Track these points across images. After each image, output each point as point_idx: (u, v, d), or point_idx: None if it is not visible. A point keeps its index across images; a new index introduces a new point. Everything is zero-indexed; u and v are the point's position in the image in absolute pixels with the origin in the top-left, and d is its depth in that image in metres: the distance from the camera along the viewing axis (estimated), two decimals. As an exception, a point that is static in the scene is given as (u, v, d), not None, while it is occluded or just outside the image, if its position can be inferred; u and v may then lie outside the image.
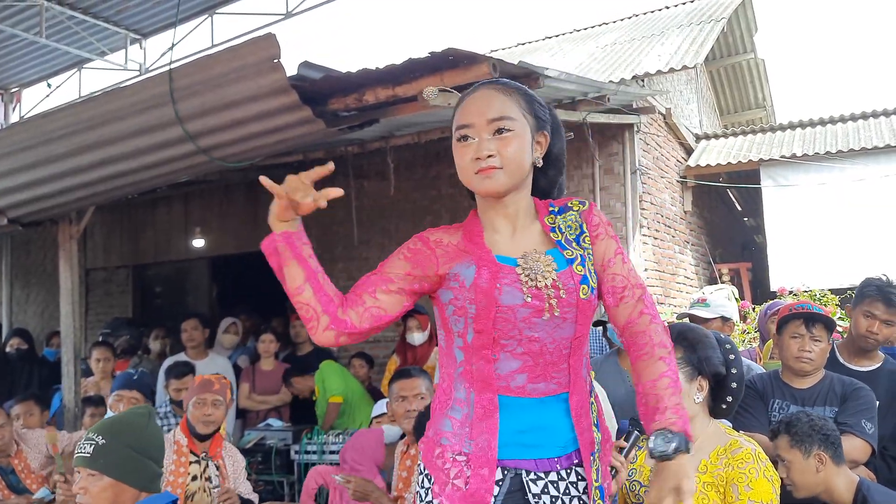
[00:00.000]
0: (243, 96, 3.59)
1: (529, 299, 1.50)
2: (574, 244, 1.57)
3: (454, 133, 1.58)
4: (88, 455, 2.10)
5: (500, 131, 1.53)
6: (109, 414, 3.89)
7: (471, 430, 1.51)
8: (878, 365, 3.03)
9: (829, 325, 2.78)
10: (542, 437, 1.52)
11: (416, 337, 5.29)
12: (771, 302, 4.61)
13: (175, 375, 4.69)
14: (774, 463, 2.07)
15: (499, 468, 1.51)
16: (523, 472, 1.51)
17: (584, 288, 1.53)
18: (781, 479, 2.35)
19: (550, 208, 1.63)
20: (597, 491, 1.54)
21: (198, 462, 3.12)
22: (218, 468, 3.19)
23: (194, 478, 3.07)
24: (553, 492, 1.51)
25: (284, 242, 1.61)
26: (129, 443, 2.12)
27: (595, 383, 3.09)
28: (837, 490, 2.36)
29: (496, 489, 1.49)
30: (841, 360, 3.06)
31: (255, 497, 3.31)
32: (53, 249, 5.68)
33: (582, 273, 1.54)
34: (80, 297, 7.60)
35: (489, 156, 1.52)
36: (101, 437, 2.12)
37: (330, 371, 5.35)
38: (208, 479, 3.13)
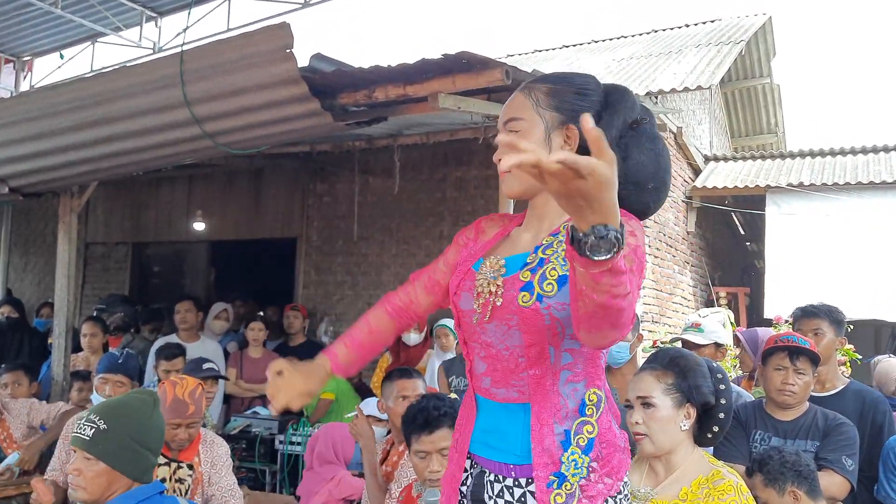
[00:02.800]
0: (253, 83, 3.57)
1: (475, 305, 1.52)
2: (558, 251, 1.46)
3: None
4: (88, 438, 2.07)
5: (510, 133, 1.51)
6: (95, 396, 3.84)
7: (461, 420, 1.63)
8: (843, 386, 3.06)
9: (813, 359, 2.76)
10: (500, 441, 1.52)
11: (412, 337, 5.28)
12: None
13: (165, 357, 4.66)
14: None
15: (469, 459, 1.59)
16: (487, 470, 1.56)
17: (523, 295, 1.44)
18: None
19: None
20: None
21: (168, 464, 2.95)
22: (192, 467, 3.02)
23: (163, 480, 2.88)
24: (507, 497, 1.51)
25: (337, 370, 1.69)
26: (131, 432, 2.09)
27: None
28: None
29: (466, 476, 1.59)
30: None
31: (238, 493, 3.18)
32: (54, 220, 5.67)
33: (527, 280, 1.46)
34: (78, 270, 7.61)
35: (500, 160, 1.51)
36: (103, 422, 2.08)
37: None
38: (179, 480, 2.97)
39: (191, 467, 3.04)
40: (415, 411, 2.52)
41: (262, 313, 7.40)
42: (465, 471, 1.59)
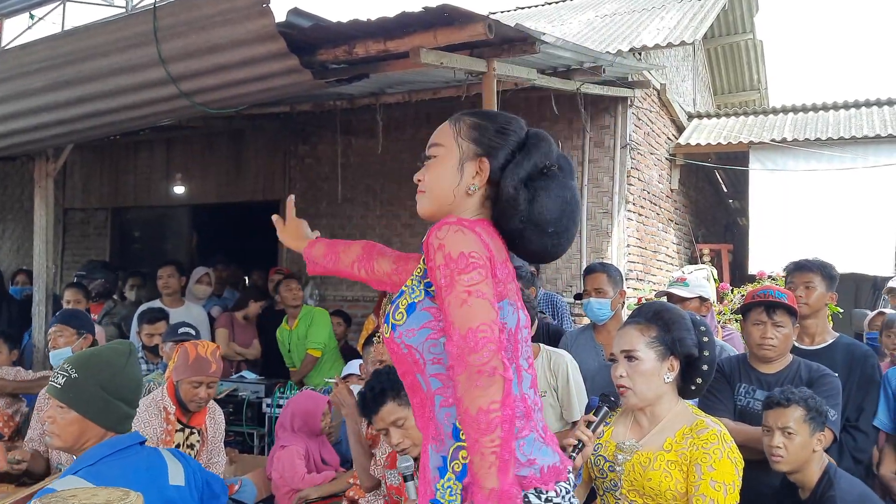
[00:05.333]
0: (229, 40, 3.48)
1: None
2: (415, 280, 1.54)
3: None
4: (59, 386, 2.07)
5: (428, 159, 1.64)
6: (54, 352, 3.82)
7: None
8: (833, 340, 3.11)
9: (791, 311, 2.79)
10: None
11: None
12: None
13: (148, 321, 4.64)
14: (739, 444, 2.08)
15: None
16: None
17: (385, 328, 1.52)
18: (772, 447, 2.40)
19: None
20: None
21: (182, 430, 3.05)
22: (200, 433, 3.12)
23: (177, 446, 3.00)
24: None
25: (314, 256, 1.89)
26: (102, 382, 2.08)
27: (567, 355, 3.13)
28: (811, 471, 2.43)
29: None
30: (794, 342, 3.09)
31: (222, 462, 3.24)
32: (31, 186, 5.57)
33: (387, 312, 1.53)
34: (57, 236, 7.51)
35: (418, 180, 1.64)
36: (74, 371, 2.08)
37: (322, 321, 5.29)
38: (190, 446, 3.07)
39: (200, 433, 3.09)
40: (359, 399, 2.63)
41: (246, 278, 7.36)
42: None
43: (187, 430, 3.08)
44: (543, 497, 1.44)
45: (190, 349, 3.08)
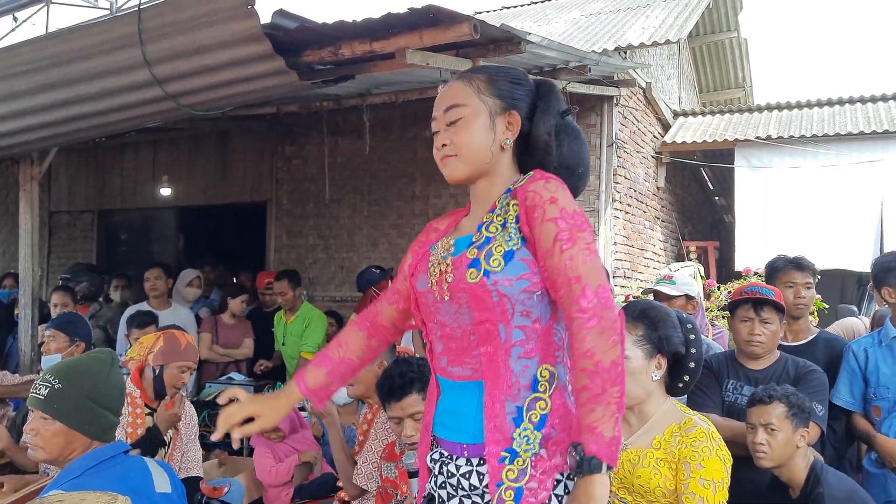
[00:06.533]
0: (215, 42, 3.46)
1: (430, 285, 1.56)
2: (499, 228, 1.51)
3: None
4: (43, 398, 2.05)
5: (453, 121, 1.57)
6: (44, 358, 3.80)
7: (428, 400, 1.67)
8: (813, 336, 3.17)
9: (778, 308, 2.81)
10: (454, 421, 1.55)
11: None
12: None
13: (137, 325, 4.62)
14: (727, 441, 2.10)
15: (433, 440, 1.63)
16: (444, 451, 1.59)
17: (471, 272, 1.47)
18: (756, 444, 2.41)
19: (510, 188, 1.57)
20: (509, 492, 1.43)
21: (151, 414, 3.06)
22: (175, 427, 3.13)
23: (149, 429, 3.01)
24: (458, 476, 1.55)
25: (316, 386, 1.72)
26: (86, 391, 2.06)
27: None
28: (798, 468, 2.45)
29: (429, 457, 1.63)
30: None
31: (198, 459, 3.25)
32: (15, 189, 5.52)
33: (474, 257, 1.48)
34: (42, 239, 7.46)
35: (444, 145, 1.58)
36: (57, 381, 2.06)
37: (320, 325, 5.30)
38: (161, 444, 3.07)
39: (173, 426, 3.10)
40: (383, 379, 2.55)
41: (235, 279, 7.33)
42: (432, 448, 1.64)
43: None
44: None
45: (178, 336, 3.17)
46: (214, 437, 1.62)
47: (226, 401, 1.67)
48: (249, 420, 1.63)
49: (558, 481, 1.45)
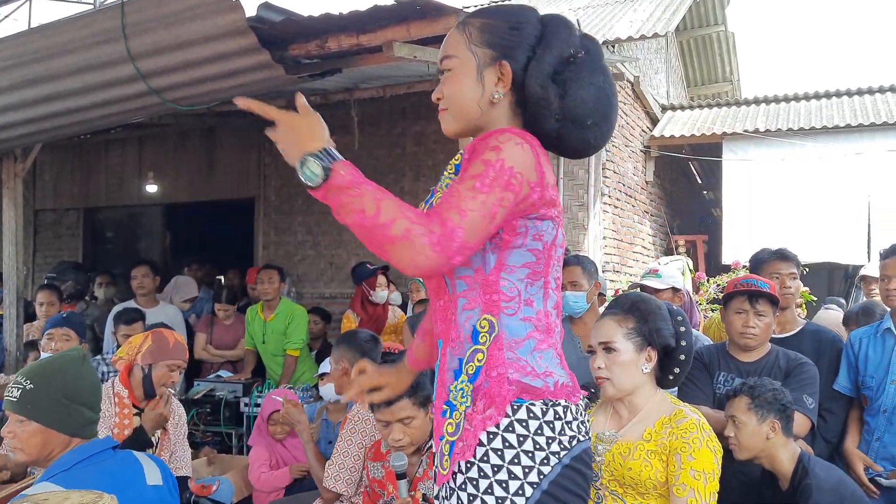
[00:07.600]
0: (199, 36, 3.43)
1: None
2: (444, 179, 1.49)
3: None
4: (16, 400, 2.03)
5: (443, 73, 1.51)
6: (44, 356, 3.77)
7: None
8: (801, 327, 3.17)
9: (773, 301, 2.81)
10: (435, 379, 1.54)
11: (381, 294, 5.24)
12: None
13: (125, 321, 4.57)
14: (718, 433, 2.09)
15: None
16: None
17: None
18: (727, 437, 2.41)
19: None
20: (447, 446, 1.40)
21: (139, 414, 3.04)
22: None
23: (135, 430, 2.98)
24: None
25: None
26: (59, 388, 2.05)
27: None
28: (780, 459, 2.43)
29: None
30: None
31: (187, 457, 3.24)
32: (-1, 187, 5.48)
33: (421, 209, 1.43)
34: (27, 238, 7.38)
35: (438, 98, 1.52)
36: (29, 382, 2.04)
37: (303, 322, 5.26)
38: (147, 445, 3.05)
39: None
40: None
41: (221, 277, 7.28)
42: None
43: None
44: (551, 407, 1.40)
45: (167, 334, 3.15)
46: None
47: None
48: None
49: (493, 434, 1.37)
